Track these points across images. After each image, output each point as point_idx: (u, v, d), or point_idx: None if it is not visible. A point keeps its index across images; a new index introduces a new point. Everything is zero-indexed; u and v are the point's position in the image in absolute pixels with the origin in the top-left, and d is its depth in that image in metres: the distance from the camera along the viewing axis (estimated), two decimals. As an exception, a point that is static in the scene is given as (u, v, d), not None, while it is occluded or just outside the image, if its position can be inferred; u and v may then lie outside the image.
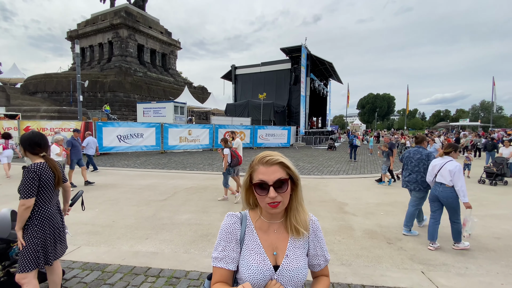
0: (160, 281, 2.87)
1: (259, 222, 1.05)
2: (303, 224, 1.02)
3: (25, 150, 2.21)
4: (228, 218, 1.06)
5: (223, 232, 1.03)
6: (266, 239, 1.02)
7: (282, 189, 0.95)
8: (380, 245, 3.95)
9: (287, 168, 0.98)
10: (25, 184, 2.06)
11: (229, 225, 1.03)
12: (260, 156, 0.99)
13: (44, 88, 29.62)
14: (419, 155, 4.48)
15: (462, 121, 47.97)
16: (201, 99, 32.36)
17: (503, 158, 8.71)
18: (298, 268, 1.00)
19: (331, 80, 36.43)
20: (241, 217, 1.06)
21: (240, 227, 1.04)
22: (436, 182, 3.96)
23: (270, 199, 0.93)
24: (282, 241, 1.03)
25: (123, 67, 32.53)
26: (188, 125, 17.35)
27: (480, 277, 3.10)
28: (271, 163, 0.96)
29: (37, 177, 2.11)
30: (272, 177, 0.93)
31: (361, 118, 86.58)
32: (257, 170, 0.97)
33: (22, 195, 2.05)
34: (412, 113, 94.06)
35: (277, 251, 1.01)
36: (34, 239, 2.11)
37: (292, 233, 1.02)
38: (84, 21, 37.62)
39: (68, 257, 3.35)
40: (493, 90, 37.52)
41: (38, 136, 2.26)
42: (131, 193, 6.74)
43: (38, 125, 12.71)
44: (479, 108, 71.59)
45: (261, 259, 0.99)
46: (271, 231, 1.04)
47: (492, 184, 8.42)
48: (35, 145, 2.21)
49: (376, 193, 7.30)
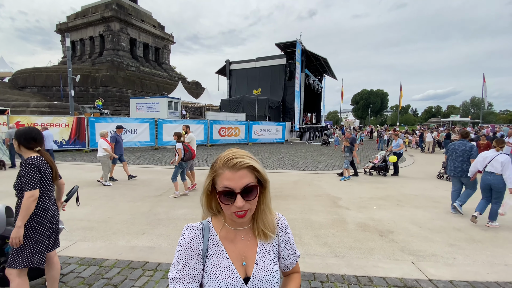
0: (157, 274, 2.91)
1: (224, 230, 0.93)
2: (270, 228, 0.95)
3: (20, 145, 2.19)
4: (187, 231, 0.90)
5: (181, 248, 0.87)
6: (233, 250, 0.92)
7: (251, 196, 0.84)
8: (372, 238, 4.06)
9: (256, 171, 0.86)
10: (28, 176, 2.06)
11: (189, 239, 0.88)
12: (225, 158, 0.85)
13: (33, 83, 28.96)
14: (464, 147, 5.28)
15: (453, 117, 48.81)
16: (195, 94, 32.14)
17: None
18: (270, 275, 0.92)
19: (325, 76, 36.57)
20: (202, 228, 0.92)
21: (202, 240, 0.90)
22: (486, 172, 4.61)
23: (237, 208, 0.82)
24: (251, 248, 0.94)
25: (115, 61, 31.96)
26: (182, 121, 17.26)
27: (467, 267, 3.23)
28: (239, 167, 0.82)
29: (37, 169, 2.11)
30: (240, 184, 0.81)
31: (355, 114, 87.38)
32: (221, 175, 0.84)
33: (27, 187, 2.04)
34: (404, 109, 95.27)
35: (246, 261, 0.92)
36: (32, 237, 2.10)
37: (260, 237, 0.94)
38: (74, 14, 36.70)
39: (65, 252, 3.35)
40: (483, 87, 38.23)
41: (34, 131, 2.25)
42: (126, 189, 6.72)
43: (29, 120, 12.46)
44: (469, 104, 73.00)
45: (229, 272, 0.88)
46: (238, 239, 0.93)
47: (448, 179, 8.32)
48: (31, 140, 2.20)
49: (368, 187, 7.45)
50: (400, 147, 9.23)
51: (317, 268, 3.09)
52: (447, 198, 6.37)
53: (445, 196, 6.58)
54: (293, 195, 6.29)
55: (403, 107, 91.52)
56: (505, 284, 2.84)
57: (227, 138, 18.92)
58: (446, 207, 5.63)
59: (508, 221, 4.86)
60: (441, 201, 6.09)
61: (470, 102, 72.69)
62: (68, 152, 13.05)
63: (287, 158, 12.84)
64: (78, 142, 13.33)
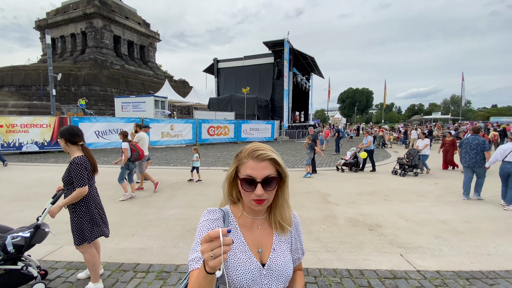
0: (150, 276, 2.85)
1: (242, 218, 0.98)
2: (288, 221, 0.99)
3: (66, 141, 2.50)
4: (209, 213, 0.95)
5: (204, 230, 0.90)
6: (250, 237, 0.96)
7: (270, 187, 0.89)
8: (362, 232, 4.15)
9: (278, 165, 0.91)
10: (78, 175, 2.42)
11: (212, 221, 0.92)
12: (250, 149, 0.91)
13: (11, 82, 27.64)
14: (477, 141, 5.90)
15: (434, 114, 50.69)
16: (182, 93, 31.65)
17: (415, 150, 8.83)
18: (285, 262, 0.96)
19: (313, 75, 36.93)
20: (223, 214, 0.97)
21: (223, 224, 0.94)
22: (505, 161, 5.34)
23: (256, 196, 0.87)
24: (267, 237, 0.98)
25: (98, 59, 30.98)
26: (170, 120, 16.97)
27: (452, 257, 3.37)
28: (262, 159, 0.88)
29: (84, 168, 2.46)
30: (261, 174, 0.87)
31: (341, 112, 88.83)
32: (245, 164, 0.89)
33: (78, 184, 2.41)
34: (389, 107, 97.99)
35: (262, 248, 0.96)
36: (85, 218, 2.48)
37: (277, 229, 0.99)
38: (54, 10, 35.23)
39: (51, 257, 3.23)
40: (462, 85, 39.85)
41: (75, 128, 2.60)
42: (113, 190, 6.54)
43: (7, 121, 11.87)
44: (450, 102, 75.81)
45: (247, 257, 0.92)
46: (255, 227, 0.98)
47: (401, 175, 8.54)
48: (75, 135, 2.53)
49: (356, 183, 7.61)
50: (368, 143, 9.32)
51: (310, 263, 3.13)
52: (432, 192, 6.63)
53: (429, 190, 6.84)
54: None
55: (388, 105, 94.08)
56: (489, 273, 2.98)
57: (216, 137, 18.79)
58: (431, 201, 5.85)
59: (489, 212, 5.11)
60: (426, 195, 6.32)
61: (450, 100, 75.55)
62: (50, 154, 12.56)
63: (277, 156, 12.89)
64: (60, 143, 12.85)
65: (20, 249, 2.44)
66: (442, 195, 6.33)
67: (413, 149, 9.06)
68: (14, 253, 2.40)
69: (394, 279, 2.86)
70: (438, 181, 7.91)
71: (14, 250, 2.40)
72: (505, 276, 2.91)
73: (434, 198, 6.11)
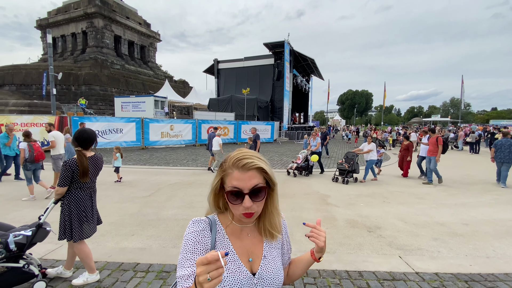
0: (149, 276, 2.86)
1: (230, 227, 0.93)
2: (278, 228, 0.96)
3: (77, 144, 2.61)
4: (195, 225, 0.89)
5: (189, 243, 0.85)
6: (240, 245, 0.92)
7: (259, 198, 0.84)
8: (361, 234, 4.17)
9: (265, 173, 0.86)
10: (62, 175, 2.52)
11: (197, 233, 0.87)
12: (235, 158, 0.85)
13: (12, 80, 27.63)
14: (509, 142, 7.53)
15: (434, 116, 50.78)
16: (182, 93, 31.66)
17: (354, 154, 8.16)
18: (276, 269, 0.94)
19: (313, 76, 37.03)
20: (210, 222, 0.91)
21: (210, 234, 0.89)
22: None
23: (244, 209, 0.82)
24: (257, 244, 0.95)
25: (99, 59, 30.99)
26: (170, 120, 16.98)
27: (451, 260, 3.38)
28: (248, 168, 0.82)
29: (71, 169, 2.53)
30: (248, 185, 0.82)
31: (341, 113, 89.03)
32: (230, 175, 0.84)
33: (58, 183, 2.52)
34: (388, 109, 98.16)
35: (252, 257, 0.93)
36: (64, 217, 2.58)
37: (266, 237, 0.96)
38: (55, 9, 35.28)
39: (51, 255, 3.24)
40: (461, 88, 39.96)
41: (93, 136, 2.71)
42: (112, 190, 6.55)
43: (8, 119, 11.86)
44: (449, 105, 76.01)
45: (236, 266, 0.88)
46: (244, 235, 0.94)
47: (344, 182, 7.75)
48: (84, 143, 2.64)
49: (356, 185, 7.62)
50: (317, 146, 8.91)
51: (309, 265, 3.13)
52: (430, 195, 6.66)
53: (428, 192, 6.86)
54: (282, 194, 6.34)
55: (387, 107, 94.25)
56: (488, 276, 2.99)
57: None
58: (429, 203, 5.87)
59: (487, 215, 5.13)
60: (425, 198, 6.34)
61: (449, 103, 75.75)
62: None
63: (276, 157, 12.92)
64: (60, 142, 12.83)
65: (22, 247, 2.45)
66: (441, 198, 6.35)
67: (350, 152, 8.28)
68: (16, 251, 2.42)
69: (393, 280, 2.87)
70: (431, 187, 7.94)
71: (16, 248, 2.41)
72: (504, 279, 2.93)
73: (432, 200, 6.13)
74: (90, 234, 2.74)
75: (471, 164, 12.27)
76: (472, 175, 9.33)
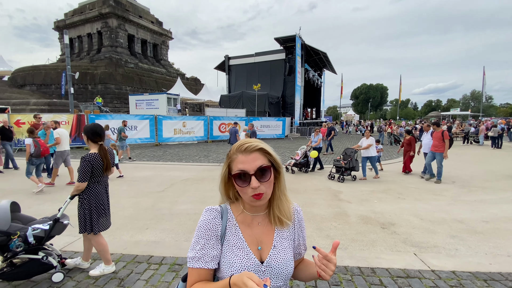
0: (163, 268, 2.93)
1: (241, 216, 0.97)
2: (286, 214, 0.96)
3: (88, 138, 2.69)
4: (206, 213, 0.95)
5: (201, 229, 0.92)
6: (249, 234, 0.95)
7: (265, 178, 0.87)
8: (374, 230, 4.09)
9: (268, 154, 0.90)
10: (82, 170, 2.57)
11: (208, 220, 0.93)
12: (238, 145, 0.91)
13: (32, 81, 28.83)
14: None
15: (453, 110, 48.74)
16: (194, 90, 32.02)
17: (352, 149, 7.61)
18: (285, 259, 0.94)
19: (325, 71, 36.38)
20: (221, 211, 0.96)
21: (221, 222, 0.94)
22: None
23: (252, 190, 0.85)
24: (267, 234, 0.96)
25: (113, 58, 31.77)
26: (182, 117, 17.23)
27: (469, 258, 3.26)
28: (250, 150, 0.87)
29: (90, 164, 2.61)
30: (253, 165, 0.85)
31: (354, 108, 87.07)
32: (235, 160, 0.89)
33: (78, 178, 2.59)
34: (404, 103, 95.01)
35: (262, 246, 0.94)
36: (84, 211, 2.65)
37: (276, 224, 0.96)
38: (71, 11, 36.36)
39: (70, 247, 3.38)
40: (483, 80, 38.10)
41: (99, 128, 2.76)
42: (127, 185, 6.73)
43: (29, 118, 12.43)
44: (469, 98, 72.76)
45: (245, 254, 0.91)
46: (255, 224, 0.96)
47: (340, 180, 7.25)
48: (96, 135, 2.70)
49: (369, 181, 7.47)
50: (318, 141, 8.75)
51: (321, 260, 3.11)
52: (448, 191, 6.43)
53: (446, 189, 6.62)
54: (294, 189, 6.31)
55: (403, 101, 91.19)
56: (508, 275, 2.86)
57: (228, 134, 18.88)
58: (447, 200, 5.67)
59: (510, 212, 4.89)
60: (442, 194, 6.12)
61: (470, 96, 72.44)
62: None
63: (288, 154, 12.84)
64: (78, 140, 13.31)
65: (40, 240, 2.57)
66: (460, 194, 6.12)
67: (349, 148, 7.77)
68: (34, 244, 2.53)
69: (407, 278, 2.80)
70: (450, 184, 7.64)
71: (34, 241, 2.52)
72: (526, 278, 2.79)
73: (451, 197, 5.91)
74: (108, 227, 2.85)
75: (493, 159, 11.73)
76: (494, 170, 8.92)
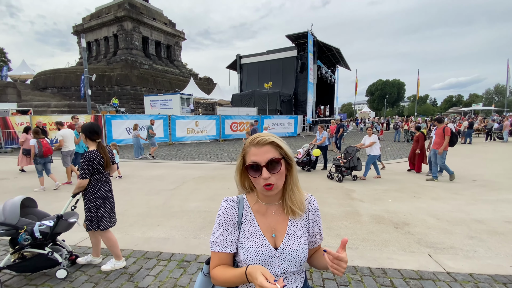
0: (171, 264, 2.98)
1: (256, 205, 1.04)
2: (298, 205, 1.02)
3: (86, 136, 2.75)
4: (225, 203, 1.04)
5: (220, 217, 1.02)
6: (264, 222, 1.02)
7: (275, 169, 0.93)
8: (387, 230, 3.96)
9: (280, 147, 0.96)
10: (83, 167, 2.62)
11: (226, 209, 1.02)
12: (251, 138, 0.98)
13: (53, 84, 30.18)
14: None
15: (475, 105, 46.41)
16: (206, 90, 32.36)
17: (354, 148, 7.19)
18: (299, 247, 0.99)
19: (338, 67, 35.64)
20: (238, 200, 1.05)
21: (237, 210, 1.03)
22: None
23: (264, 181, 0.92)
24: (281, 223, 1.03)
25: (129, 60, 32.68)
26: (194, 117, 17.47)
27: (488, 260, 3.09)
28: (263, 144, 0.94)
29: (91, 161, 2.64)
30: (264, 158, 0.92)
31: (370, 105, 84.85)
32: (249, 152, 0.96)
33: (80, 175, 2.63)
34: (423, 99, 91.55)
35: (276, 233, 1.01)
36: (90, 208, 2.71)
37: (289, 214, 1.03)
38: (88, 15, 37.70)
39: (84, 243, 3.50)
40: (507, 73, 36.04)
41: (96, 126, 2.80)
42: (141, 183, 6.91)
43: (49, 119, 13.03)
44: (493, 92, 69.08)
45: (259, 240, 0.98)
46: (269, 213, 1.03)
47: (338, 180, 7.00)
48: (94, 133, 2.74)
49: (383, 179, 7.26)
50: (323, 139, 8.41)
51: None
52: (468, 190, 6.14)
53: (465, 188, 6.32)
54: (305, 188, 6.15)
55: (421, 97, 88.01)
56: (530, 278, 2.69)
57: (239, 133, 18.96)
58: (466, 199, 5.41)
59: (535, 212, 4.60)
60: (461, 193, 5.85)
61: (494, 90, 68.74)
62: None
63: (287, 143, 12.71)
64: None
65: (45, 236, 2.67)
66: (481, 193, 5.82)
67: (351, 146, 7.34)
68: (41, 239, 2.64)
69: (420, 280, 2.69)
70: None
71: (41, 236, 2.63)
72: (552, 283, 2.61)
73: (470, 196, 5.64)
74: (114, 223, 2.90)
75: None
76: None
